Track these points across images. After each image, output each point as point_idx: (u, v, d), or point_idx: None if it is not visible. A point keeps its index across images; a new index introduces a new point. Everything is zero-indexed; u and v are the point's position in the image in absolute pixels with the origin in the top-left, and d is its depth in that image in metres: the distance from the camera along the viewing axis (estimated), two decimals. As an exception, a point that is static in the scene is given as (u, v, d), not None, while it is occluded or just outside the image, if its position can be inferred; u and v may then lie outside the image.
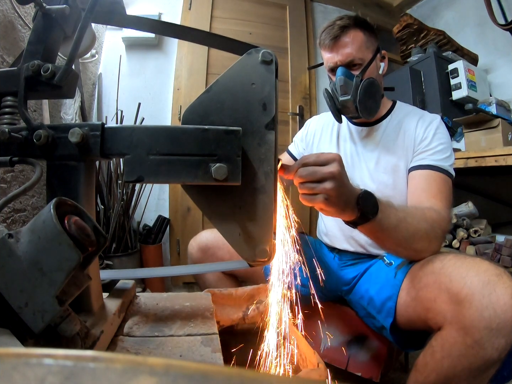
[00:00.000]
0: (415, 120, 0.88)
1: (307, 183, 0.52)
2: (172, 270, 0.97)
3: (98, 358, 0.12)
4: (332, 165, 0.52)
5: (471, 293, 0.54)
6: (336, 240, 0.97)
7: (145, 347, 0.44)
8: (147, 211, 1.97)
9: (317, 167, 0.52)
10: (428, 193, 0.76)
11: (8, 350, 0.12)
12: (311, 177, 0.52)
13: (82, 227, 0.33)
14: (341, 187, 0.53)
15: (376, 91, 0.87)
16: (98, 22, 0.54)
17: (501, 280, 0.54)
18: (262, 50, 0.40)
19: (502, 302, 0.52)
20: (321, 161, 0.52)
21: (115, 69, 2.03)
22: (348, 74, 0.85)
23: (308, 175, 0.52)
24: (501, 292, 0.52)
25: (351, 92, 0.84)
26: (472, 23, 2.05)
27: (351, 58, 0.85)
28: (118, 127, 0.39)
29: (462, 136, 1.66)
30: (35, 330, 0.30)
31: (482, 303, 0.53)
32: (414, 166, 0.83)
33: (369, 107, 0.87)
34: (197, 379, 0.11)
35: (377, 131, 0.93)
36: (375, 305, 0.77)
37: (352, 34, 0.84)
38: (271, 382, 0.12)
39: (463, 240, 1.54)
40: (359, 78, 0.84)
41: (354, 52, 0.84)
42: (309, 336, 0.94)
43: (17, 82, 0.40)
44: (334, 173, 0.51)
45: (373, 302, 0.78)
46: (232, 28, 2.20)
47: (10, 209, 1.24)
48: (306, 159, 0.53)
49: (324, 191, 0.51)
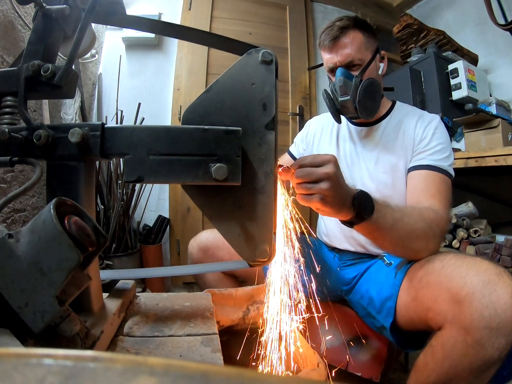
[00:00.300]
0: (415, 120, 0.89)
1: (304, 184, 0.54)
2: (172, 270, 0.97)
3: (98, 358, 0.12)
4: (327, 166, 0.54)
5: (472, 293, 0.54)
6: (336, 240, 0.97)
7: (145, 347, 0.44)
8: (147, 211, 1.97)
9: (313, 168, 0.54)
10: (427, 193, 0.76)
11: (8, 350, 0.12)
12: (307, 178, 0.53)
13: (82, 227, 0.33)
14: (337, 187, 0.54)
15: (375, 91, 0.87)
16: (98, 22, 0.54)
17: (501, 280, 0.54)
18: (262, 50, 0.40)
19: (503, 301, 0.52)
20: (317, 162, 0.54)
21: (115, 69, 2.03)
22: (348, 74, 0.85)
23: (304, 175, 0.54)
24: (502, 291, 0.52)
25: (351, 93, 0.85)
26: (472, 23, 2.05)
27: (351, 58, 0.85)
28: (118, 127, 0.39)
29: (462, 136, 1.66)
30: (35, 330, 0.30)
31: (482, 302, 0.53)
32: (413, 166, 0.84)
33: (368, 107, 0.87)
34: (197, 379, 0.11)
35: (377, 131, 0.94)
36: (375, 305, 0.77)
37: (352, 35, 0.85)
38: (271, 382, 0.12)
39: (463, 240, 1.54)
40: (359, 79, 0.85)
41: (354, 53, 0.84)
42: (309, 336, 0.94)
43: (17, 82, 0.40)
44: (330, 174, 0.53)
45: (373, 302, 0.78)
46: (232, 28, 2.20)
47: (10, 209, 1.24)
48: (303, 160, 0.55)
49: (320, 191, 0.53)
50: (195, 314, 0.54)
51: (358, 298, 0.85)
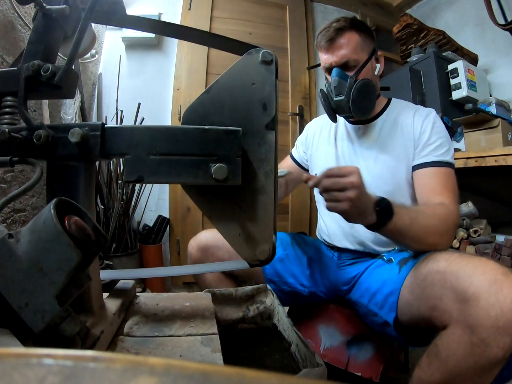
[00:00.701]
0: (411, 115, 0.90)
1: (332, 192, 0.61)
2: (172, 270, 0.97)
3: (98, 358, 0.12)
4: (352, 176, 0.61)
5: (478, 292, 0.54)
6: (336, 238, 0.97)
7: (145, 347, 0.44)
8: (147, 211, 1.97)
9: (339, 178, 0.61)
10: (435, 191, 0.80)
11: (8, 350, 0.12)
12: (335, 186, 0.61)
13: (82, 227, 0.33)
14: (361, 195, 0.61)
15: (370, 92, 0.88)
16: (98, 22, 0.54)
17: (508, 279, 0.54)
18: (262, 50, 0.40)
19: (509, 300, 0.52)
20: (342, 173, 0.62)
21: (115, 69, 2.03)
22: (343, 75, 0.87)
23: (332, 184, 0.61)
24: (508, 291, 0.53)
25: (345, 93, 0.87)
26: (472, 23, 2.05)
27: (346, 59, 0.86)
28: (118, 127, 0.39)
29: (462, 136, 1.66)
30: (35, 330, 0.30)
31: (489, 301, 0.53)
32: (418, 164, 0.86)
33: (362, 107, 0.88)
34: (197, 379, 0.11)
35: (374, 129, 0.94)
36: (377, 301, 0.78)
37: (347, 36, 0.86)
38: (271, 382, 0.12)
39: (463, 240, 1.54)
40: (353, 79, 0.86)
41: (349, 54, 0.86)
42: (309, 336, 0.94)
43: (17, 82, 0.40)
44: (355, 183, 0.60)
45: (376, 298, 0.78)
46: (232, 28, 2.20)
47: (10, 209, 1.24)
48: (330, 171, 0.63)
49: (347, 198, 0.60)
50: (195, 314, 0.54)
51: (358, 296, 0.85)
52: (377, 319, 0.79)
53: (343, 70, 0.88)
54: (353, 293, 0.89)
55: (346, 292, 0.91)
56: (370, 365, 0.86)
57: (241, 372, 0.12)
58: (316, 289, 0.94)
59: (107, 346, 0.43)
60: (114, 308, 0.48)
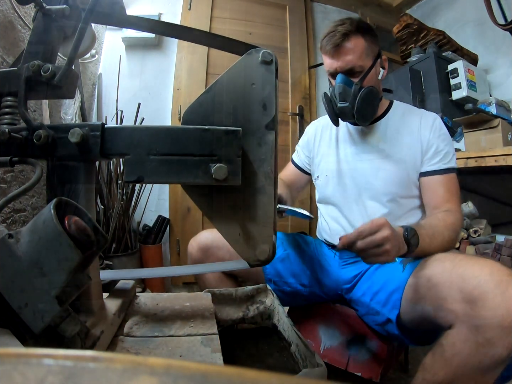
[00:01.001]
0: (417, 119, 0.91)
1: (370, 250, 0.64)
2: (172, 270, 0.97)
3: (98, 358, 0.12)
4: (384, 230, 0.63)
5: (485, 292, 0.55)
6: (338, 237, 0.97)
7: (145, 347, 0.44)
8: (147, 211, 1.96)
9: (373, 237, 0.63)
10: (443, 198, 0.86)
11: (8, 350, 0.12)
12: (371, 245, 0.63)
13: (82, 227, 0.33)
14: (395, 242, 0.64)
15: (373, 99, 0.88)
16: (98, 22, 0.54)
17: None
18: (262, 50, 0.40)
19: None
20: (374, 230, 0.63)
21: (115, 69, 2.03)
22: (347, 81, 0.86)
23: (369, 244, 0.63)
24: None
25: (349, 100, 0.86)
26: (472, 23, 2.05)
27: (351, 65, 0.85)
28: (118, 127, 0.39)
29: (462, 136, 1.66)
30: (35, 330, 0.30)
31: (495, 301, 0.54)
32: (428, 171, 0.88)
33: (366, 114, 0.89)
34: (197, 379, 0.11)
35: (377, 130, 0.94)
36: (380, 299, 0.78)
37: (353, 41, 0.85)
38: (271, 382, 0.12)
39: (463, 240, 1.54)
40: (358, 86, 0.86)
41: (355, 60, 0.85)
42: (309, 336, 0.94)
43: (17, 82, 0.40)
44: (388, 237, 0.62)
45: (378, 296, 0.79)
46: (232, 28, 2.20)
47: (10, 209, 1.24)
48: (361, 233, 0.64)
49: (385, 252, 0.63)
50: (195, 314, 0.54)
51: (360, 295, 0.85)
52: (379, 318, 0.79)
53: (347, 76, 0.87)
54: (355, 291, 0.89)
55: (347, 291, 0.91)
56: (370, 365, 0.86)
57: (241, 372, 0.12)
58: (317, 289, 0.94)
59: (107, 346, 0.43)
60: (114, 308, 0.48)
